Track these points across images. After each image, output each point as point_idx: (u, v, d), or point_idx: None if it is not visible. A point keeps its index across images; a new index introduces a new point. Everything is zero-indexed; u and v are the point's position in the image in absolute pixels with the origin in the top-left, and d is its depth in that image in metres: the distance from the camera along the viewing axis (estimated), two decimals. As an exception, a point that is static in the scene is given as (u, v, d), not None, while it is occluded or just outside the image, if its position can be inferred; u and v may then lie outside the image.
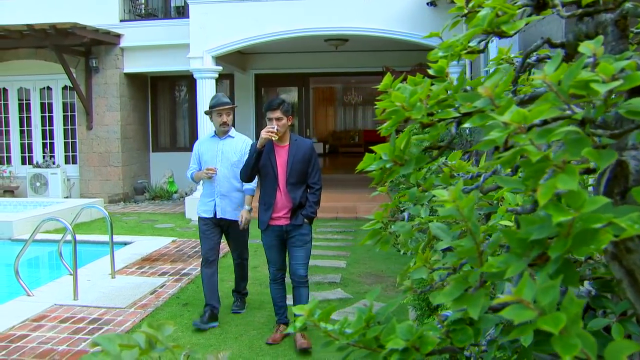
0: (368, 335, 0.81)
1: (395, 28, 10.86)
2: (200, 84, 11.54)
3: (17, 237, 9.42)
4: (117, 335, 0.95)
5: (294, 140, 5.24)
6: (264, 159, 5.13)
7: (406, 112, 0.92)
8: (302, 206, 5.17)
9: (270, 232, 5.21)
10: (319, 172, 5.29)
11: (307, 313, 0.85)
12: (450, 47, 1.04)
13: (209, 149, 5.89)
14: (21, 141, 14.77)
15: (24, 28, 11.93)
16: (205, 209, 5.85)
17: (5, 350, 4.92)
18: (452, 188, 0.74)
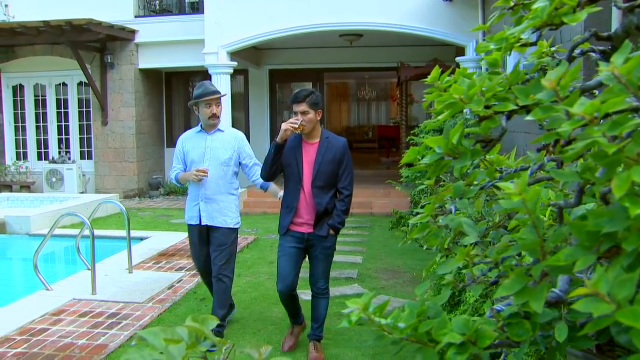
0: (420, 330, 0.80)
1: (411, 23, 10.83)
2: (215, 79, 11.55)
3: (35, 232, 9.49)
4: (161, 329, 0.95)
5: (324, 138, 4.58)
6: (288, 157, 4.52)
7: (465, 105, 0.91)
8: (328, 213, 4.56)
9: (290, 238, 4.63)
10: (350, 176, 4.62)
11: (362, 307, 0.85)
12: (503, 39, 1.03)
13: (196, 145, 5.12)
14: (37, 137, 14.86)
15: (40, 24, 12.00)
16: (190, 215, 5.17)
17: (27, 344, 4.96)
18: (518, 181, 0.73)
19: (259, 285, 6.58)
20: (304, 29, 11.15)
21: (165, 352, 0.83)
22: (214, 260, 5.07)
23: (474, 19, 10.45)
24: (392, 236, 9.34)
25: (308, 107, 4.46)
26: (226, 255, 5.08)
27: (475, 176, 1.06)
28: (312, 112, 4.48)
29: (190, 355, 0.92)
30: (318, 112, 4.54)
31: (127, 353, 0.87)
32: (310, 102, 4.45)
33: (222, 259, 5.06)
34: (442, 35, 10.89)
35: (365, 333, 5.20)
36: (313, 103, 4.47)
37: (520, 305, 0.75)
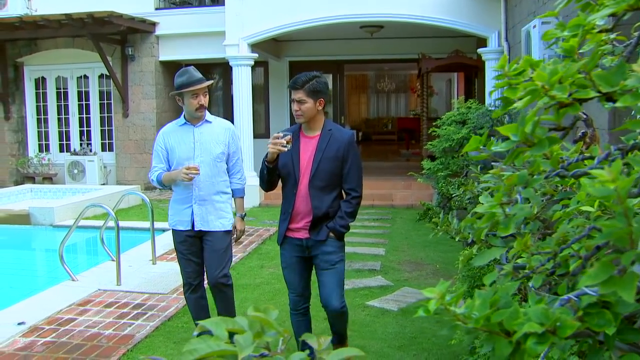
0: (493, 320, 0.78)
1: (433, 14, 10.74)
2: (236, 71, 11.56)
3: (59, 223, 9.57)
4: (222, 319, 0.94)
5: (327, 130, 3.92)
6: (283, 155, 3.85)
7: (549, 92, 0.89)
8: (329, 218, 3.91)
9: (288, 247, 4.04)
10: (358, 175, 3.95)
11: (439, 296, 0.83)
12: (578, 25, 1.00)
13: (182, 140, 4.46)
14: (59, 129, 14.97)
15: (62, 17, 12.08)
16: (179, 220, 4.51)
17: (55, 333, 5.01)
18: (611, 168, 0.71)
19: (282, 277, 6.56)
20: (325, 20, 11.10)
21: (235, 341, 0.82)
22: (209, 268, 4.51)
23: (496, 10, 10.35)
24: (413, 228, 9.31)
25: (305, 95, 3.82)
26: (222, 261, 4.52)
27: (539, 165, 1.04)
28: (311, 101, 3.83)
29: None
30: (319, 102, 3.87)
31: (190, 343, 0.86)
32: (309, 90, 3.81)
33: (217, 266, 4.49)
34: (464, 26, 10.80)
35: (390, 325, 5.19)
36: (312, 90, 3.82)
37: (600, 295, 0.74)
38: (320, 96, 3.86)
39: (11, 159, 14.68)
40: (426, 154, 11.50)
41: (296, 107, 3.86)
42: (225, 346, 0.81)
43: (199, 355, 0.81)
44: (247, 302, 5.87)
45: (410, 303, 5.74)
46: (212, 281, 4.51)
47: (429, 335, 4.95)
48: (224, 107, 15.28)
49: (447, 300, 0.84)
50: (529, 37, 7.14)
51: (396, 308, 5.60)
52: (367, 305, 5.69)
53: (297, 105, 3.85)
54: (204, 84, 4.38)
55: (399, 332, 5.03)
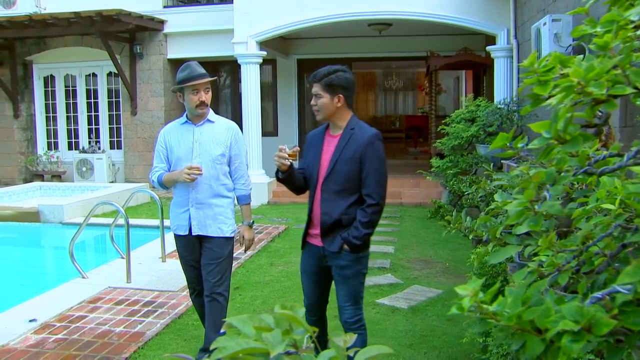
0: (525, 317, 0.78)
1: (442, 12, 10.71)
2: (245, 69, 11.57)
3: (68, 221, 9.60)
4: (248, 317, 0.94)
5: (349, 129, 3.61)
6: (309, 155, 3.74)
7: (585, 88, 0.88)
8: (343, 227, 3.57)
9: (307, 253, 3.81)
10: (377, 180, 3.54)
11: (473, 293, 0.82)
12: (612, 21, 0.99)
13: (182, 140, 4.27)
14: (67, 127, 15.01)
15: (71, 15, 12.11)
16: (178, 224, 4.33)
17: (66, 330, 5.02)
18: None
19: (292, 275, 6.57)
20: (334, 18, 11.09)
21: (265, 339, 0.81)
22: (206, 276, 4.26)
23: (505, 7, 10.31)
24: (422, 226, 9.30)
25: (321, 90, 3.56)
26: (221, 270, 4.26)
27: (566, 162, 1.03)
28: (327, 96, 3.55)
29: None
30: (338, 97, 3.56)
31: (218, 341, 0.86)
32: (326, 84, 3.54)
33: (215, 275, 4.24)
34: (473, 24, 10.77)
35: (400, 323, 5.18)
36: (329, 85, 3.54)
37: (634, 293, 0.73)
38: (338, 92, 3.55)
39: (20, 156, 14.73)
40: (435, 152, 11.48)
41: (313, 102, 3.63)
42: (255, 344, 0.80)
43: (228, 353, 0.80)
44: (256, 299, 5.87)
45: (421, 301, 5.73)
46: (208, 290, 4.25)
47: (440, 334, 4.94)
48: (232, 105, 15.29)
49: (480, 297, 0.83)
50: (539, 34, 7.10)
51: (406, 306, 5.60)
52: (377, 303, 5.68)
53: (314, 99, 3.62)
54: (205, 79, 4.15)
55: (409, 330, 5.03)
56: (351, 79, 3.61)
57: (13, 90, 14.47)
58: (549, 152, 0.98)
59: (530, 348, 0.78)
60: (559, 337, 0.74)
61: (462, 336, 4.63)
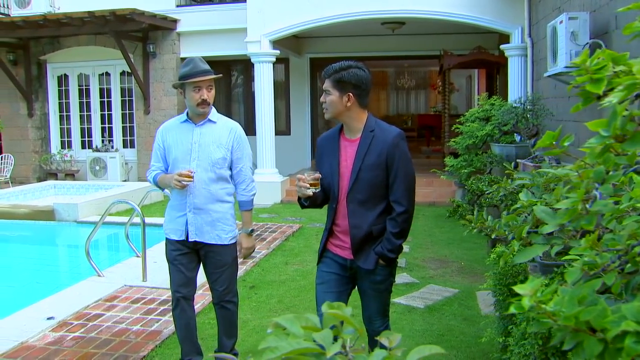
0: (581, 318, 0.77)
1: (455, 10, 10.66)
2: (258, 68, 11.58)
3: (82, 219, 9.64)
4: (295, 316, 0.93)
5: (368, 132, 3.28)
6: (324, 164, 3.41)
7: None
8: (373, 238, 3.29)
9: (328, 261, 3.45)
10: (405, 184, 3.25)
11: (532, 292, 0.81)
12: None
13: (180, 139, 3.99)
14: (81, 126, 15.09)
15: (85, 15, 12.17)
16: (173, 228, 4.06)
17: (83, 328, 5.05)
18: None
19: (308, 274, 6.57)
20: (347, 16, 11.06)
21: (317, 339, 0.80)
22: (213, 285, 4.13)
23: (519, 5, 10.25)
24: (436, 225, 9.27)
25: (331, 86, 3.25)
26: (227, 277, 4.11)
27: (612, 162, 1.01)
28: (337, 93, 3.23)
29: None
30: (348, 96, 3.23)
31: (266, 341, 0.85)
32: (335, 80, 3.23)
33: (222, 283, 4.09)
34: (487, 22, 10.71)
35: (417, 322, 5.17)
36: (339, 81, 3.22)
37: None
38: (348, 89, 3.22)
39: (34, 155, 14.81)
40: (448, 151, 11.44)
41: (322, 99, 3.33)
42: (307, 344, 0.80)
43: (280, 353, 0.80)
44: (272, 298, 5.87)
45: (437, 300, 5.71)
46: (217, 300, 4.15)
47: (457, 333, 4.93)
48: (244, 104, 15.32)
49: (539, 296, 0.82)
50: (555, 32, 7.05)
51: (422, 305, 5.58)
52: (394, 302, 5.65)
53: (323, 96, 3.31)
54: (208, 76, 3.89)
55: (426, 330, 5.01)
56: (364, 77, 3.28)
57: (27, 89, 14.55)
58: (606, 151, 0.96)
59: (588, 348, 0.77)
60: (618, 338, 0.73)
61: (479, 336, 4.60)
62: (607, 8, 6.08)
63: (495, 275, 3.94)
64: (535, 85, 9.66)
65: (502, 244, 4.72)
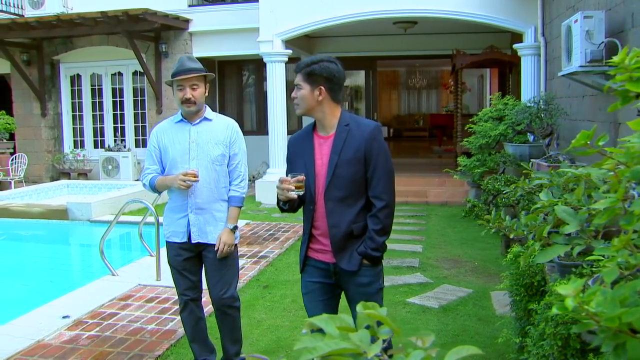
0: (624, 319, 0.75)
1: (468, 10, 10.62)
2: (270, 67, 11.58)
3: (96, 219, 9.68)
4: (329, 317, 0.92)
5: (343, 126, 3.12)
6: (297, 163, 3.21)
7: None
8: (355, 238, 3.11)
9: (311, 270, 3.25)
10: (385, 178, 3.10)
11: (575, 293, 0.80)
12: None
13: (176, 139, 3.92)
14: (93, 125, 15.16)
15: (98, 15, 12.22)
16: (173, 231, 3.99)
17: (98, 327, 5.06)
18: None
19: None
20: (359, 16, 11.04)
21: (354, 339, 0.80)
22: (213, 288, 4.00)
23: (533, 4, 10.19)
24: (449, 225, 9.24)
25: (302, 80, 3.10)
26: (227, 281, 3.99)
27: None
28: (307, 87, 3.08)
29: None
30: (319, 90, 3.06)
31: (301, 342, 0.85)
32: (306, 73, 3.08)
33: (222, 286, 3.97)
34: (500, 21, 10.66)
35: (432, 322, 5.15)
36: (309, 74, 3.07)
37: None
38: (320, 83, 3.05)
39: (47, 155, 14.89)
40: (461, 151, 11.40)
41: (293, 94, 3.16)
42: (345, 344, 0.79)
43: (318, 354, 0.79)
44: (286, 298, 5.87)
45: (451, 300, 5.69)
46: (216, 303, 4.02)
47: (472, 333, 4.91)
48: (256, 104, 15.34)
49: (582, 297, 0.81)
50: (570, 31, 7.01)
51: (437, 305, 5.56)
52: (408, 302, 5.65)
53: (295, 91, 3.14)
54: (189, 75, 3.78)
55: (441, 330, 4.99)
56: (336, 70, 3.10)
57: (40, 89, 14.63)
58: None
59: (631, 350, 0.76)
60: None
61: (495, 336, 4.58)
62: (622, 6, 6.03)
63: (512, 275, 3.92)
64: (548, 85, 9.61)
65: (518, 244, 4.69)
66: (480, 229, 7.59)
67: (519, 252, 3.89)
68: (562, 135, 7.60)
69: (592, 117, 6.93)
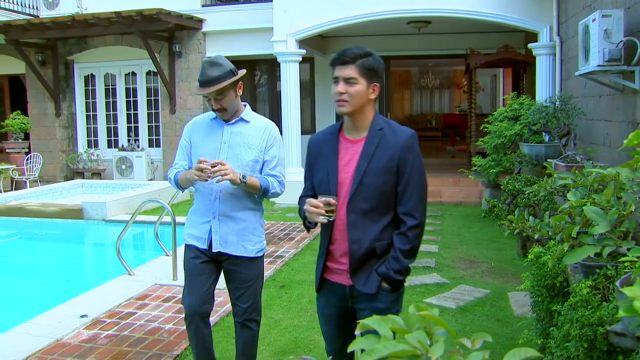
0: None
1: (482, 9, 10.57)
2: (284, 67, 11.59)
3: (111, 218, 9.72)
4: (381, 318, 0.91)
5: (376, 131, 2.77)
6: (319, 168, 2.89)
7: None
8: (376, 257, 2.77)
9: (327, 294, 2.94)
10: (418, 193, 2.77)
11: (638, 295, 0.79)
12: None
13: (209, 137, 3.65)
14: (107, 125, 15.23)
15: (112, 15, 12.28)
16: (194, 234, 3.69)
17: (117, 326, 5.08)
18: None
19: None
20: (373, 15, 11.03)
21: (413, 341, 0.79)
22: (236, 301, 3.72)
23: (548, 4, 10.13)
24: (464, 225, 9.21)
25: (357, 73, 2.70)
26: (252, 295, 3.69)
27: None
28: (364, 82, 2.71)
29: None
30: (374, 87, 2.75)
31: (359, 344, 0.84)
32: (363, 67, 2.70)
33: (246, 300, 3.68)
34: (515, 21, 10.61)
35: (450, 323, 5.13)
36: (368, 68, 2.71)
37: None
38: (375, 79, 2.75)
39: (61, 154, 14.98)
40: (475, 151, 11.36)
41: (341, 89, 2.71)
42: (405, 346, 0.78)
43: (377, 356, 0.78)
44: (303, 298, 5.87)
45: (469, 301, 5.67)
46: (240, 318, 3.72)
47: (491, 335, 4.82)
48: (269, 103, 15.36)
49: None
50: (587, 31, 6.96)
51: (454, 306, 5.54)
52: (425, 302, 5.63)
53: (343, 85, 2.71)
54: (211, 88, 3.45)
55: (459, 331, 4.97)
56: (384, 66, 2.87)
57: (55, 89, 14.72)
58: None
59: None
60: None
61: (514, 337, 4.57)
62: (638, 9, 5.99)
63: (534, 276, 3.89)
64: (563, 84, 9.55)
65: (537, 244, 4.66)
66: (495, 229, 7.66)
67: (541, 252, 3.87)
68: (578, 135, 7.55)
69: (610, 117, 6.88)
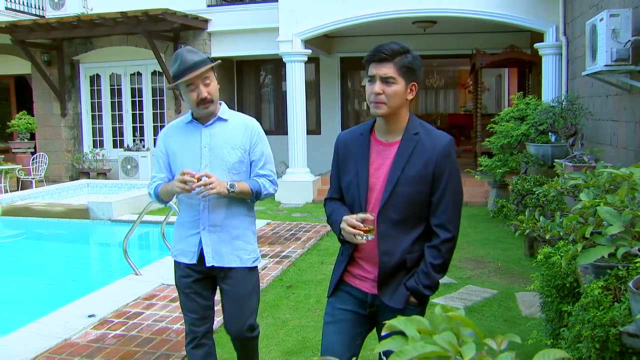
0: None
1: (488, 9, 10.56)
2: (290, 67, 11.59)
3: (116, 218, 9.73)
4: (407, 319, 0.91)
5: (411, 134, 2.58)
6: (348, 170, 2.68)
7: None
8: (406, 270, 2.60)
9: (344, 296, 2.71)
10: (454, 205, 2.60)
11: None
12: None
13: (186, 144, 3.30)
14: (112, 125, 15.27)
15: (118, 15, 12.31)
16: (183, 249, 3.35)
17: (124, 326, 5.08)
18: None
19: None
20: (379, 15, 11.02)
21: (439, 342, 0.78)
22: (231, 318, 3.40)
23: (554, 3, 10.11)
24: (470, 225, 9.19)
25: (397, 72, 2.50)
26: (248, 309, 3.39)
27: None
28: (402, 82, 2.51)
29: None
30: (412, 87, 2.56)
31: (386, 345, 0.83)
32: (403, 65, 2.51)
33: (244, 315, 3.38)
34: (521, 21, 10.58)
35: (457, 324, 5.12)
36: (407, 67, 2.52)
37: None
38: (414, 78, 2.56)
39: (67, 154, 15.02)
40: (481, 151, 11.34)
41: (378, 89, 2.50)
42: (434, 347, 0.77)
43: (406, 357, 0.77)
44: (310, 298, 5.86)
45: (476, 301, 5.66)
46: (236, 334, 3.44)
47: (499, 335, 4.86)
48: (274, 103, 15.37)
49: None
50: (595, 30, 6.95)
51: (462, 306, 5.53)
52: (433, 303, 5.61)
53: (380, 85, 2.50)
54: (200, 69, 3.12)
55: (467, 331, 4.95)
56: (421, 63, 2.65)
57: (60, 89, 14.76)
58: None
59: None
60: None
61: (523, 338, 4.52)
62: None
63: (543, 276, 3.87)
64: (570, 84, 9.53)
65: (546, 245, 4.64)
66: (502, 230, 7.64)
67: (550, 253, 3.85)
68: (585, 135, 7.53)
69: (617, 117, 6.86)
